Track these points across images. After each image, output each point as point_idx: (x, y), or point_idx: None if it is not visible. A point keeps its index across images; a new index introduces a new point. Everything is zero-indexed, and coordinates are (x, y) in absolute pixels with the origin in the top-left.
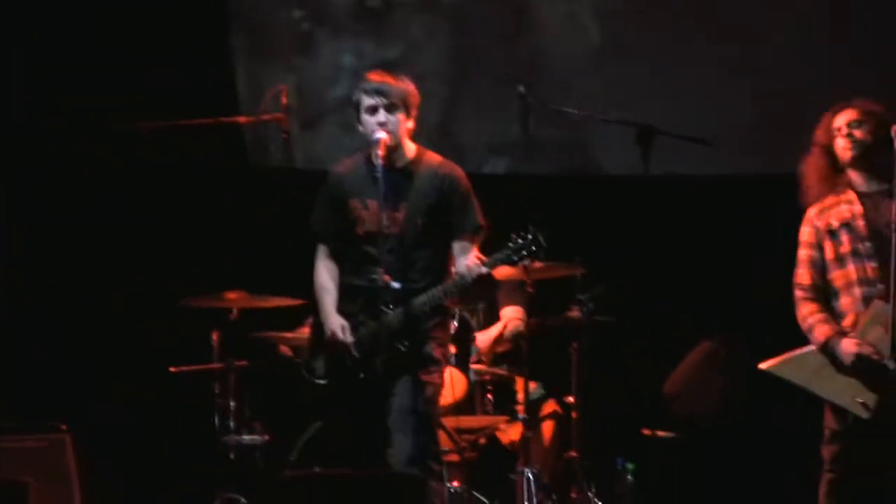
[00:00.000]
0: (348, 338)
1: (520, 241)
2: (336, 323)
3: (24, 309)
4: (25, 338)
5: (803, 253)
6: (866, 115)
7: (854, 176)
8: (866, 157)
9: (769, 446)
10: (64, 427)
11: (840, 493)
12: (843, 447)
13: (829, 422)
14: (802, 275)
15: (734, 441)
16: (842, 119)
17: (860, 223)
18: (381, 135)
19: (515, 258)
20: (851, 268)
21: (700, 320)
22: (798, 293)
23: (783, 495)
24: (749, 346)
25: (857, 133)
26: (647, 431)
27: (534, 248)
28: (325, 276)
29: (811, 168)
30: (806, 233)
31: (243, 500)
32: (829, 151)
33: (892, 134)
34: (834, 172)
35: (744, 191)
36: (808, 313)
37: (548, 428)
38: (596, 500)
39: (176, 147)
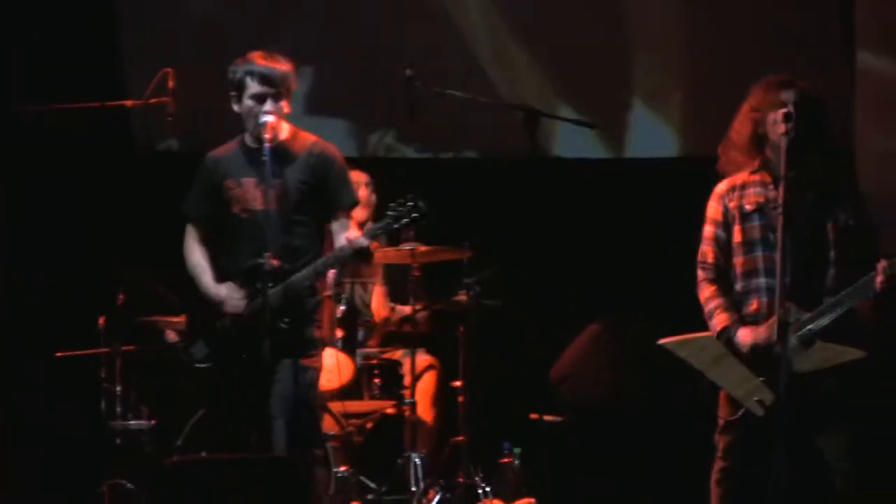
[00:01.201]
0: (240, 298)
1: (399, 208)
2: (220, 289)
3: None
4: None
5: (709, 230)
6: (810, 97)
7: (773, 157)
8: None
9: (660, 430)
10: None
11: (730, 482)
12: (735, 437)
13: (724, 410)
14: (706, 253)
15: (623, 425)
16: (789, 96)
17: (775, 210)
18: (269, 118)
19: (396, 225)
20: (759, 255)
21: (588, 303)
22: (700, 273)
23: (673, 479)
24: (638, 329)
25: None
26: (534, 415)
27: (414, 214)
28: (197, 254)
29: (739, 135)
30: (714, 209)
31: (130, 485)
32: (761, 123)
33: (781, 118)
34: (756, 147)
35: (631, 173)
36: (709, 296)
37: (434, 411)
38: (483, 484)
39: (60, 130)
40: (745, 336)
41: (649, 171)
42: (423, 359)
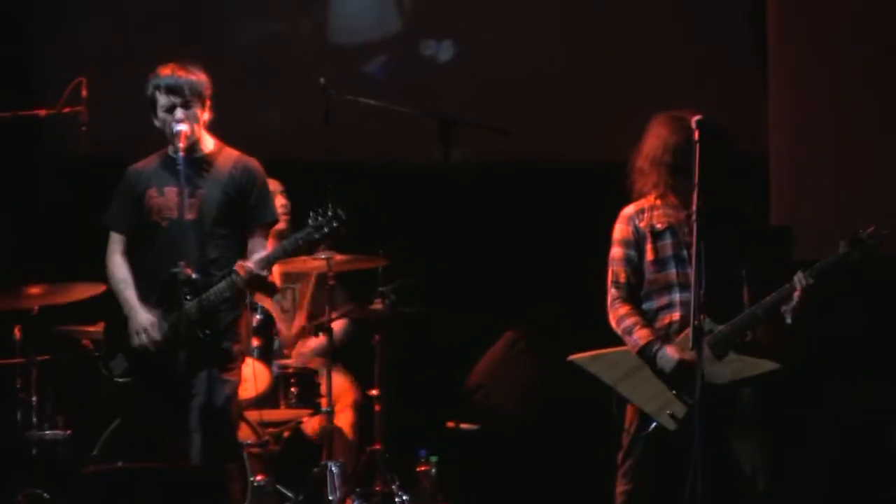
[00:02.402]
0: (157, 335)
1: (319, 217)
2: (144, 319)
3: None
4: None
5: (619, 251)
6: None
7: (679, 181)
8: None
9: (572, 438)
10: None
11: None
12: (640, 457)
13: (630, 426)
14: (618, 273)
15: (537, 432)
16: (693, 122)
17: (684, 229)
18: (182, 126)
19: (317, 235)
20: (673, 272)
21: (504, 311)
22: (613, 292)
23: (584, 487)
24: (552, 337)
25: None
26: (450, 423)
27: (334, 223)
28: (123, 269)
29: (646, 159)
30: (622, 231)
31: (46, 495)
32: (667, 148)
33: (692, 125)
34: (663, 171)
35: (546, 179)
36: (624, 314)
37: (351, 421)
38: (399, 492)
39: None
40: (671, 352)
41: (565, 175)
42: (339, 381)
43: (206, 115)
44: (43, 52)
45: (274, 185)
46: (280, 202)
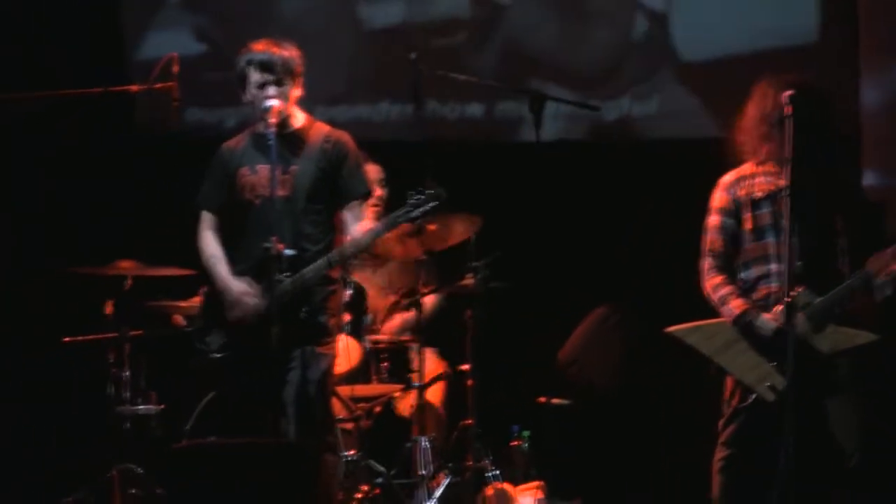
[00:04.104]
0: (252, 307)
1: (418, 196)
2: (239, 288)
3: None
4: None
5: (716, 219)
6: (813, 87)
7: (779, 148)
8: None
9: (667, 413)
10: None
11: (732, 470)
12: (741, 425)
13: (730, 397)
14: (713, 241)
15: (629, 407)
16: (793, 85)
17: (784, 197)
18: (273, 103)
19: (414, 213)
20: (770, 241)
21: (595, 286)
22: (708, 261)
23: (679, 463)
24: (644, 312)
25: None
26: (542, 399)
27: (433, 202)
28: (213, 245)
29: (747, 125)
30: (720, 199)
31: (139, 470)
32: (768, 113)
33: (783, 101)
34: (763, 137)
35: (637, 157)
36: (718, 283)
37: (442, 396)
38: (491, 467)
39: (63, 117)
40: (770, 319)
41: (659, 153)
42: (430, 356)
43: (297, 92)
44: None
45: (374, 171)
46: (376, 193)
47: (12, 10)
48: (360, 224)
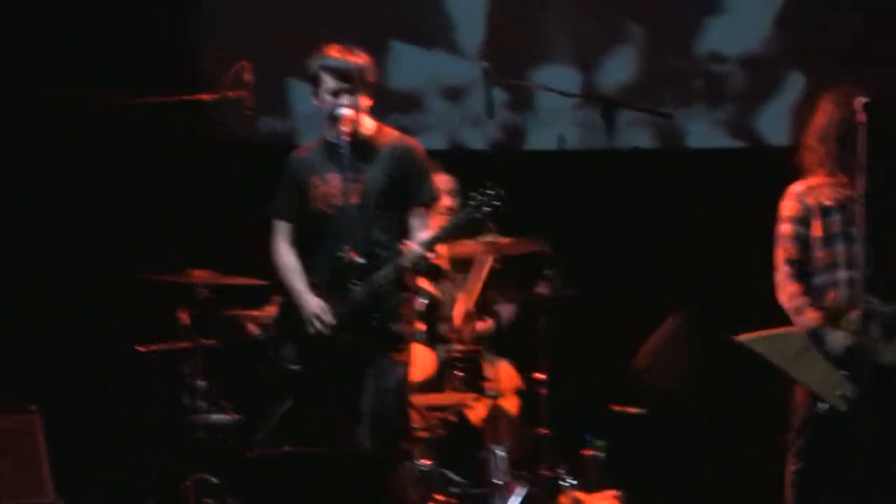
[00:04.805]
0: (329, 320)
1: (480, 197)
2: (315, 306)
3: None
4: None
5: (788, 228)
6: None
7: (848, 158)
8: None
9: (739, 421)
10: (33, 407)
11: (806, 483)
12: (812, 436)
13: (800, 407)
14: (788, 250)
15: (703, 415)
16: (865, 94)
17: (854, 206)
18: (346, 111)
19: (477, 214)
20: (840, 249)
21: (668, 295)
22: (784, 269)
23: (752, 469)
24: (717, 320)
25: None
26: (616, 407)
27: (494, 202)
28: (289, 257)
29: (816, 141)
30: (792, 208)
31: (214, 479)
32: (838, 132)
33: (856, 107)
34: (831, 147)
35: (707, 165)
36: (794, 292)
37: (516, 405)
38: (565, 476)
39: (138, 124)
40: (840, 337)
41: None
42: (504, 365)
43: (369, 101)
44: (209, 35)
45: (445, 181)
46: (446, 202)
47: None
48: (426, 230)
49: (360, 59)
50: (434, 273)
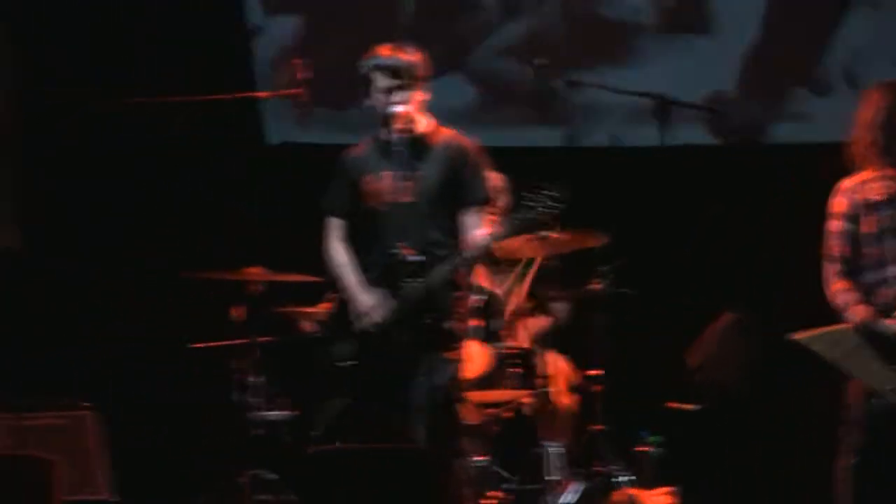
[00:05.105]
0: (380, 317)
1: (537, 199)
2: (367, 302)
3: (45, 286)
4: (46, 314)
5: (837, 224)
6: None
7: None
8: None
9: (795, 417)
10: (85, 404)
11: (859, 479)
12: (866, 431)
13: (854, 403)
14: (835, 247)
15: (758, 412)
16: None
17: None
18: (399, 108)
19: (533, 215)
20: (890, 245)
21: (722, 291)
22: (831, 267)
23: (808, 465)
24: (772, 317)
25: None
26: (671, 403)
27: (553, 204)
28: (342, 253)
29: (864, 136)
30: (840, 203)
31: (270, 475)
32: (885, 125)
33: None
34: (880, 142)
35: (761, 160)
36: (841, 289)
37: (570, 401)
38: (620, 473)
39: (191, 121)
40: (891, 323)
41: (785, 158)
42: (558, 361)
43: (422, 97)
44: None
45: (497, 179)
46: (499, 201)
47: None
48: (480, 229)
49: (410, 55)
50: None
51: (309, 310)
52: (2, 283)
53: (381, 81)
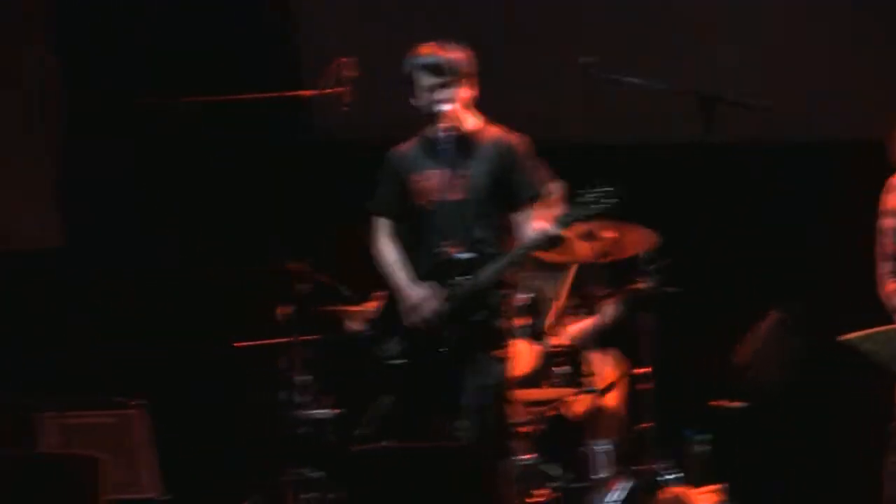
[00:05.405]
0: (429, 314)
1: (591, 194)
2: (419, 293)
3: (89, 283)
4: (92, 312)
5: (889, 222)
6: None
7: None
8: None
9: (841, 414)
10: (133, 402)
11: None
12: None
13: None
14: (889, 245)
15: (805, 409)
16: None
17: None
18: (445, 107)
19: (586, 213)
20: None
21: (769, 289)
22: (885, 265)
23: (856, 463)
24: (818, 316)
25: None
26: (717, 402)
27: (607, 200)
28: (391, 251)
29: None
30: (892, 200)
31: (315, 474)
32: None
33: None
34: None
35: (809, 158)
36: (893, 290)
37: (620, 399)
38: (668, 471)
39: (237, 120)
40: None
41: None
42: (605, 360)
43: (468, 94)
44: (310, 30)
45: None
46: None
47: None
48: (530, 227)
49: (453, 53)
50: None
51: (355, 308)
52: (47, 280)
53: (425, 80)
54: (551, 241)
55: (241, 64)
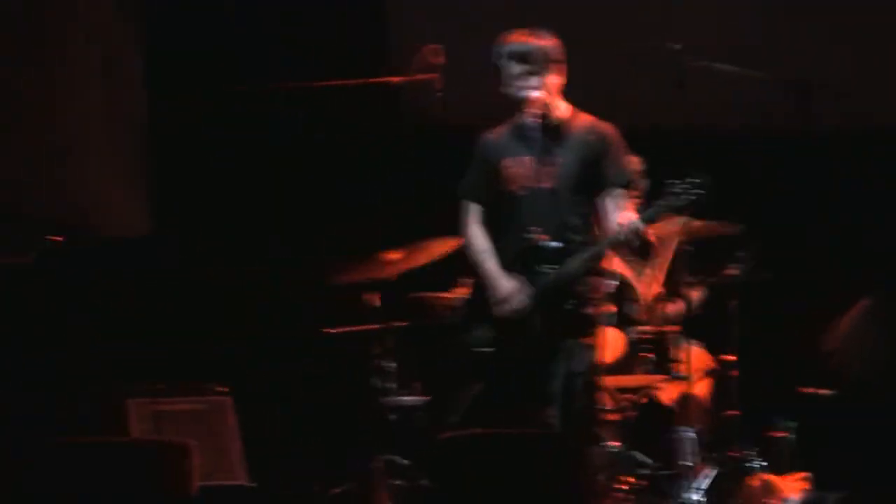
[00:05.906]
0: (519, 303)
1: (681, 185)
2: (507, 288)
3: (179, 272)
4: (183, 300)
5: None
6: None
7: None
8: None
9: None
10: (223, 389)
11: None
12: None
13: None
14: None
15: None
16: None
17: None
18: (534, 93)
19: (678, 203)
20: None
21: (859, 276)
22: None
23: None
24: None
25: None
26: (805, 389)
27: (697, 191)
28: (481, 238)
29: None
30: None
31: (404, 461)
32: None
33: None
34: None
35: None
36: None
37: (707, 387)
38: (756, 458)
39: (327, 107)
40: None
41: None
42: (694, 347)
43: (558, 81)
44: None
45: (635, 163)
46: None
47: None
48: (621, 215)
49: (541, 40)
50: (645, 249)
51: (444, 295)
52: (135, 269)
53: (513, 68)
54: (637, 236)
55: (330, 51)
